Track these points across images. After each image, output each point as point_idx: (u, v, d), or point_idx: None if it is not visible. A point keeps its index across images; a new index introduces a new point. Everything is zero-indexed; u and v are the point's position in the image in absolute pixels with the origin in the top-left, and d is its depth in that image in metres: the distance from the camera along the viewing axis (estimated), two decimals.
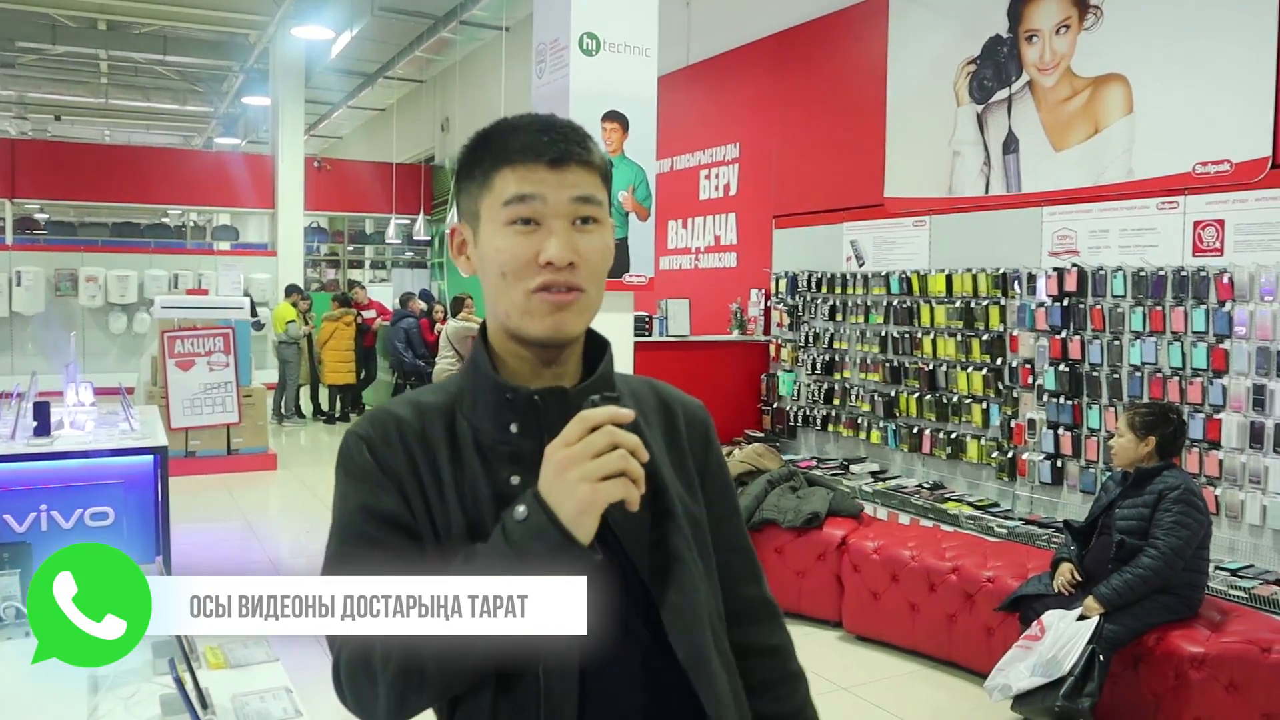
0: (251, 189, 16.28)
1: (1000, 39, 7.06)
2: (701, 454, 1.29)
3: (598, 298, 1.18)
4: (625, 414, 1.05)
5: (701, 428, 1.30)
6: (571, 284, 1.14)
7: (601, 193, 1.18)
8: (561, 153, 1.15)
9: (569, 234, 1.14)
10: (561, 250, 1.12)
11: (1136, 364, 6.02)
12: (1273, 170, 5.48)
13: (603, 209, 1.17)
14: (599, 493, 1.02)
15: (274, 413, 11.70)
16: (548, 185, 1.13)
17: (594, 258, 1.16)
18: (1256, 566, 5.40)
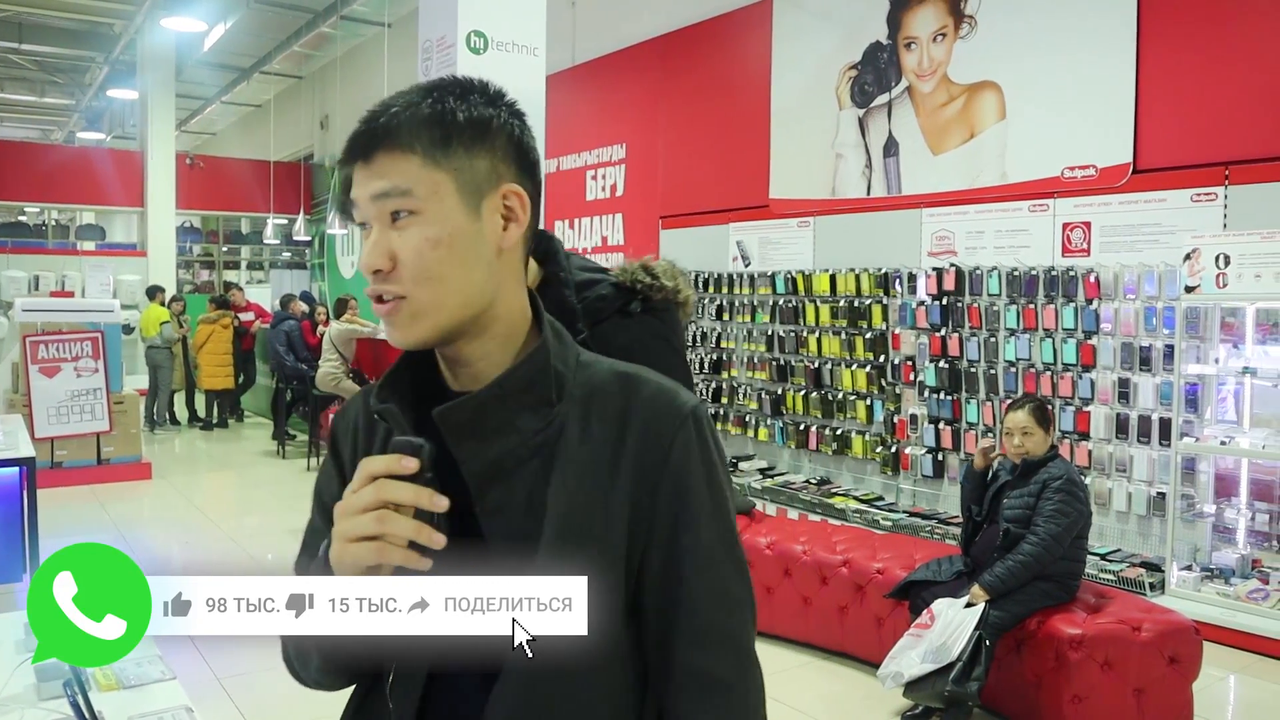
0: (119, 186, 15.56)
1: (880, 45, 7.26)
2: (654, 472, 1.04)
3: (439, 298, 1.01)
4: (404, 465, 0.93)
5: (660, 440, 1.05)
6: (389, 292, 1.01)
7: (422, 176, 1.00)
8: (366, 143, 1.02)
9: (383, 235, 1.01)
10: (365, 257, 1.02)
11: (1011, 360, 6.28)
12: (1134, 176, 5.78)
13: (415, 197, 1.00)
14: (347, 553, 0.94)
15: (146, 420, 11.24)
16: (358, 184, 1.03)
17: (408, 256, 1.00)
18: (1124, 551, 5.70)
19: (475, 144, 1.03)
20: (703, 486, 1.05)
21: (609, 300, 1.46)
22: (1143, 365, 5.65)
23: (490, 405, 1.03)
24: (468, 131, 1.02)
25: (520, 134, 1.07)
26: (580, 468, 1.03)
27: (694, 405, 1.07)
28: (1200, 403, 5.41)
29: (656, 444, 1.04)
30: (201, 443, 11.54)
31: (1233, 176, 5.38)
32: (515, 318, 1.08)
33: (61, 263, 15.00)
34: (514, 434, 1.03)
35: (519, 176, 1.06)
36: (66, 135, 22.63)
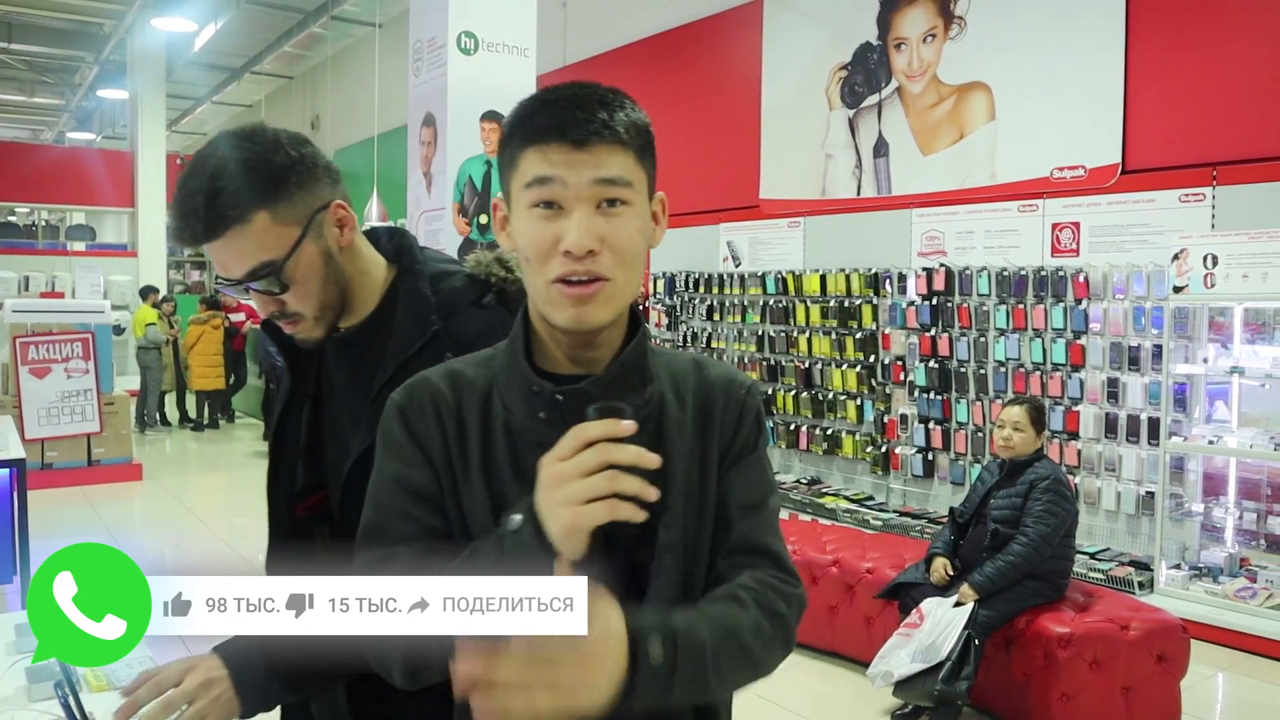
0: (109, 186, 15.51)
1: (870, 46, 7.28)
2: (730, 432, 1.20)
3: (629, 284, 1.12)
4: (624, 427, 1.00)
5: (736, 406, 1.20)
6: (593, 273, 1.08)
7: (634, 172, 1.11)
8: (584, 131, 1.09)
9: (590, 219, 1.08)
10: (580, 237, 1.07)
11: (1001, 360, 6.30)
12: (1123, 176, 5.81)
13: (632, 189, 1.10)
14: (581, 516, 0.99)
15: (137, 421, 11.20)
16: (569, 166, 1.08)
17: (620, 243, 1.09)
18: (1112, 549, 5.72)
19: (649, 152, 1.15)
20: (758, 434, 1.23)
21: (462, 292, 1.49)
22: (1131, 365, 5.68)
23: (614, 383, 1.13)
24: (651, 141, 1.16)
25: None
26: (683, 431, 1.17)
27: (752, 381, 1.26)
28: (1189, 402, 5.43)
29: (736, 411, 1.21)
30: (192, 444, 11.51)
31: (1220, 177, 5.41)
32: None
33: (51, 263, 14.96)
34: (629, 408, 1.07)
35: None
36: (56, 135, 22.56)
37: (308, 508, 1.56)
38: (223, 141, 1.35)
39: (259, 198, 1.32)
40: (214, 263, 1.38)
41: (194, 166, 1.34)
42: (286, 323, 1.43)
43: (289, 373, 1.54)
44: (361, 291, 1.48)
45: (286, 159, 1.36)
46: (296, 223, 1.36)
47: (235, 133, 1.37)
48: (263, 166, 1.33)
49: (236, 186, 1.31)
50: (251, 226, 1.32)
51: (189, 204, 1.31)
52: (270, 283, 1.36)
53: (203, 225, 1.31)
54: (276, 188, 1.33)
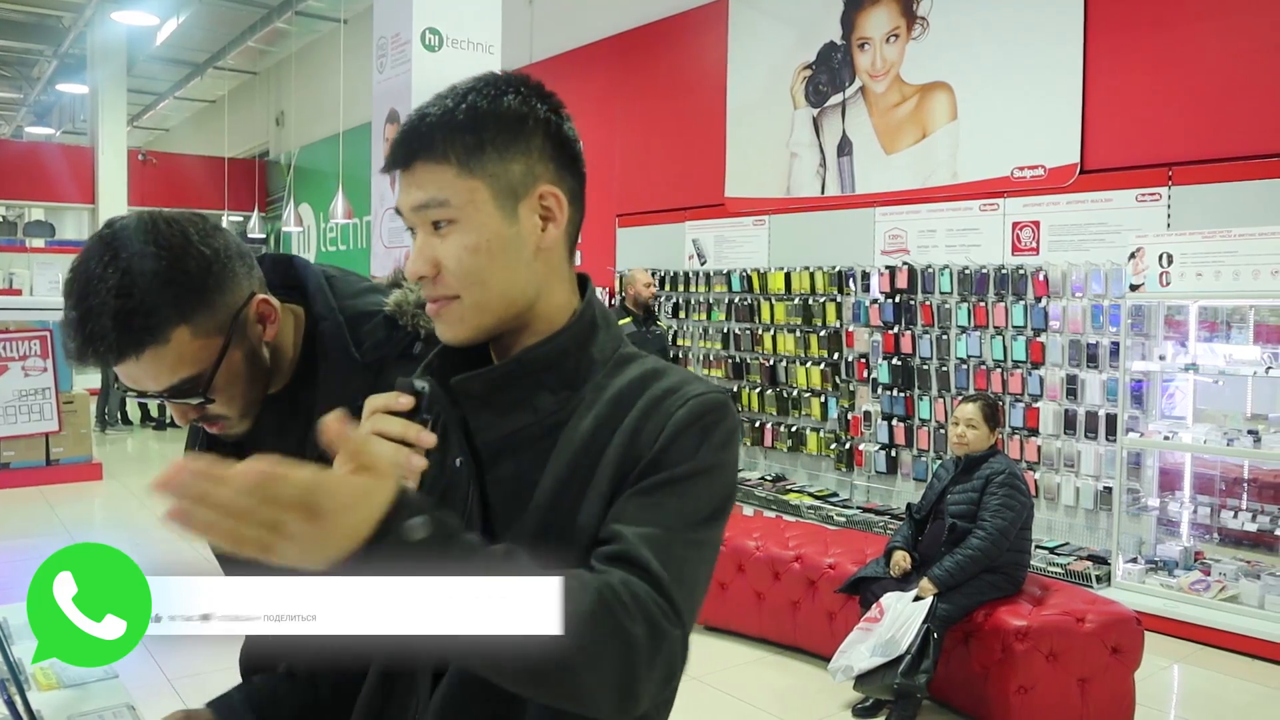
0: (69, 182, 15.30)
1: (834, 46, 7.33)
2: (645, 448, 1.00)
3: (481, 297, 1.03)
4: (401, 402, 0.98)
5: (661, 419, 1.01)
6: (436, 295, 1.05)
7: (455, 188, 1.02)
8: (404, 154, 1.04)
9: (425, 243, 1.04)
10: (411, 264, 1.04)
11: (963, 357, 6.37)
12: (1081, 176, 5.89)
13: (454, 207, 1.02)
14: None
15: (97, 419, 11.06)
16: (402, 193, 1.05)
17: (451, 263, 1.02)
18: (1071, 544, 5.80)
19: (509, 148, 1.03)
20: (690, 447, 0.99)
21: (389, 343, 1.37)
22: (1090, 362, 5.76)
23: (507, 380, 1.05)
24: (500, 136, 1.03)
25: (559, 129, 1.07)
26: (575, 448, 1.02)
27: (705, 392, 1.03)
28: (1145, 399, 5.51)
29: (654, 425, 1.01)
30: (154, 443, 11.38)
31: (1175, 177, 5.50)
32: (555, 312, 1.09)
33: (9, 260, 14.70)
34: (529, 411, 1.05)
35: (557, 175, 1.07)
36: (14, 130, 22.19)
37: None
38: (121, 244, 1.18)
39: (176, 313, 1.18)
40: (124, 377, 1.22)
41: (90, 278, 1.16)
42: (209, 425, 1.31)
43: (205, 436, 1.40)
44: (281, 358, 1.36)
45: (201, 261, 1.21)
46: (219, 332, 1.23)
47: (135, 229, 1.20)
48: (177, 276, 1.18)
49: (150, 305, 1.15)
50: (170, 346, 1.18)
51: (92, 326, 1.15)
52: (191, 396, 1.24)
53: (113, 351, 1.16)
54: (194, 298, 1.20)
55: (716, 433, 1.02)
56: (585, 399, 1.05)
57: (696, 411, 1.01)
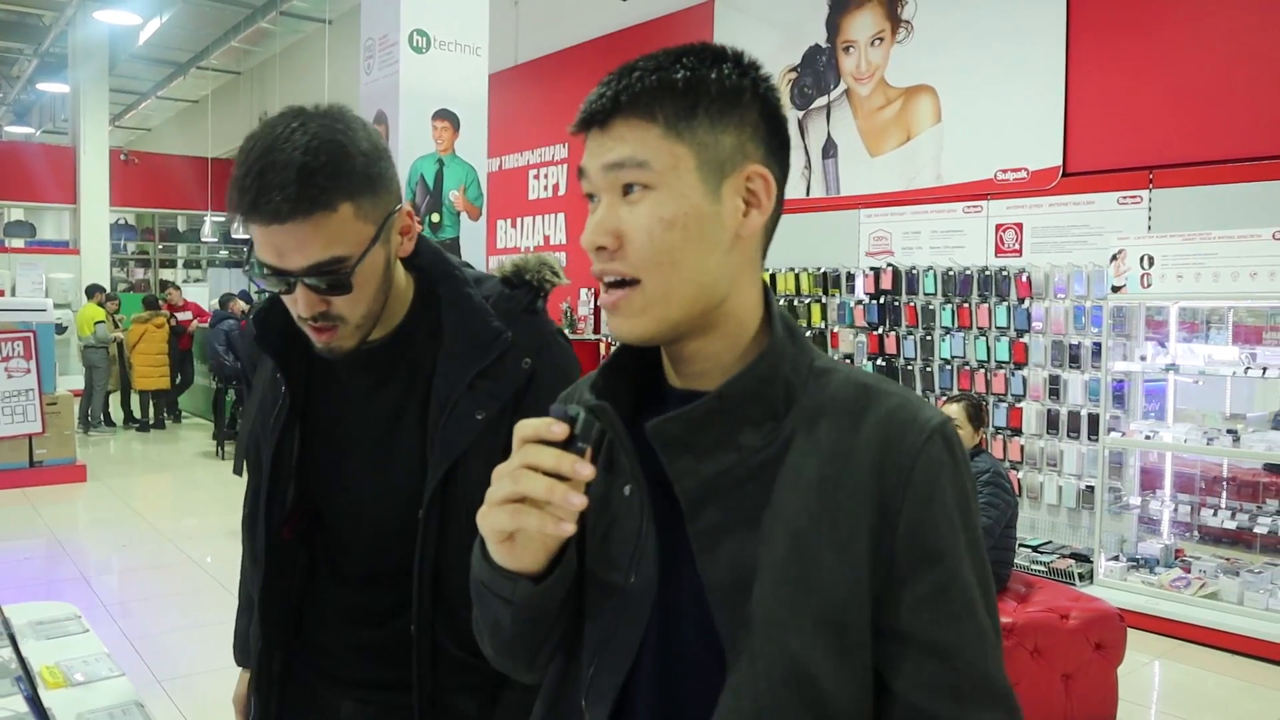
0: (50, 182, 15.23)
1: (819, 49, 7.38)
2: (894, 496, 0.87)
3: (668, 281, 0.90)
4: (554, 431, 0.87)
5: (901, 460, 0.88)
6: (612, 273, 0.93)
7: (659, 149, 0.90)
8: (604, 110, 0.94)
9: (610, 211, 0.93)
10: (589, 233, 0.93)
11: (947, 357, 6.43)
12: (1063, 178, 5.96)
13: (654, 171, 0.90)
14: (485, 518, 0.89)
15: (80, 421, 11.01)
16: (591, 153, 0.96)
17: (638, 236, 0.90)
18: (1054, 542, 5.87)
19: (723, 117, 0.91)
20: (954, 514, 0.88)
21: (512, 298, 1.38)
22: (1072, 362, 5.83)
23: (710, 419, 0.91)
24: (717, 103, 0.91)
25: (776, 108, 0.95)
26: (805, 490, 0.89)
27: (942, 421, 0.90)
28: (1127, 399, 5.59)
29: (896, 464, 0.88)
30: (137, 444, 11.34)
31: (1156, 180, 5.57)
32: (746, 315, 0.96)
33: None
34: (733, 450, 0.91)
35: (767, 157, 0.94)
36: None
37: (291, 530, 1.44)
38: (311, 117, 1.22)
39: (350, 187, 1.21)
40: (265, 248, 1.21)
41: (278, 138, 1.19)
42: (321, 328, 1.27)
43: (288, 387, 1.39)
44: (394, 302, 1.36)
45: (375, 150, 1.25)
46: (374, 221, 1.25)
47: (324, 111, 1.24)
48: (358, 155, 1.22)
49: (332, 170, 1.18)
50: (336, 216, 1.20)
51: (275, 176, 1.16)
52: (332, 280, 1.22)
53: (290, 204, 1.16)
54: (365, 181, 1.23)
55: (967, 479, 0.91)
56: (793, 428, 0.91)
57: (945, 451, 0.89)
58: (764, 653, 0.86)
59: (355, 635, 1.43)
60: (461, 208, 6.06)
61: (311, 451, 1.41)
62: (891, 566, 0.87)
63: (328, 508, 1.44)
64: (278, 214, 1.16)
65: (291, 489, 1.41)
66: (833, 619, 0.86)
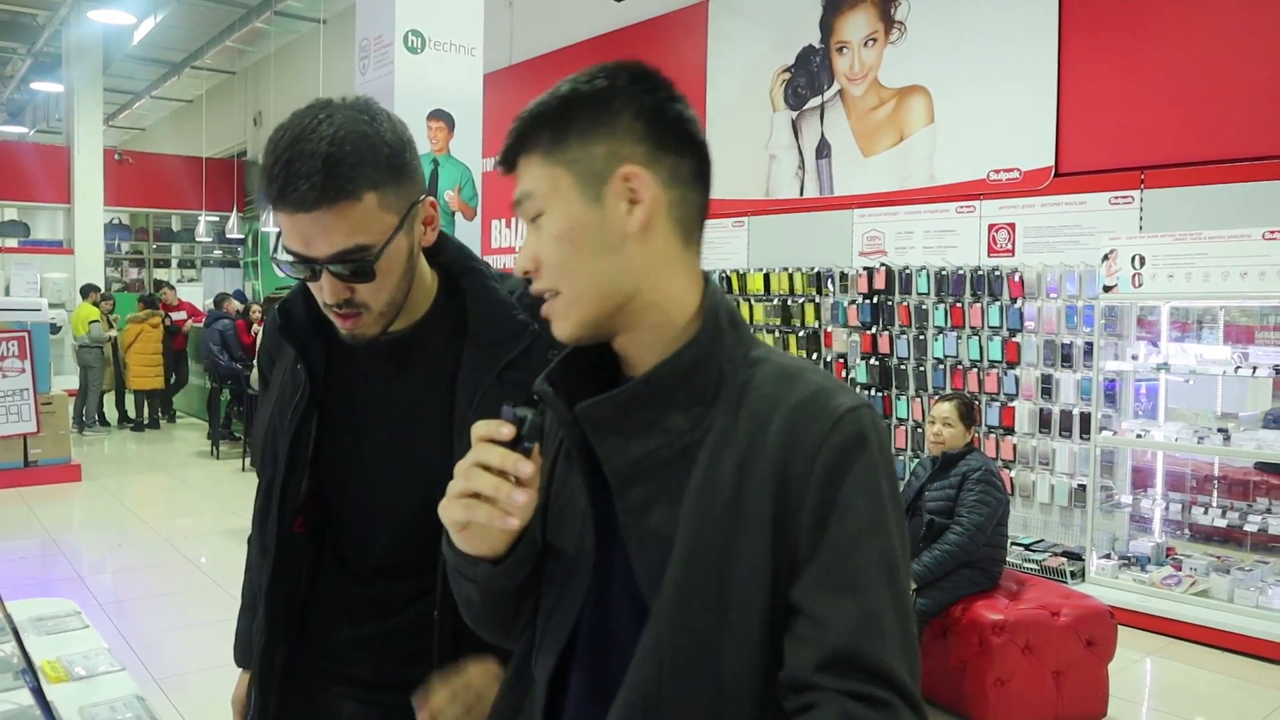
0: (44, 181, 15.18)
1: (813, 49, 7.41)
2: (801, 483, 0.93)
3: (573, 288, 1.00)
4: (502, 432, 0.96)
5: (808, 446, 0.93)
6: (538, 291, 1.03)
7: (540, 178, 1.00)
8: (506, 155, 1.05)
9: (529, 239, 1.04)
10: (517, 262, 1.05)
11: (940, 357, 6.46)
12: (1056, 179, 5.99)
13: (540, 198, 1.00)
14: (444, 511, 0.98)
15: (75, 421, 11.00)
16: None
17: (544, 255, 1.01)
18: (1046, 541, 5.90)
19: (592, 129, 0.99)
20: (857, 499, 0.92)
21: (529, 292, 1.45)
22: (1064, 362, 5.86)
23: (635, 402, 0.98)
24: (579, 122, 0.99)
25: (654, 107, 1.01)
26: (721, 475, 0.95)
27: (853, 406, 0.94)
28: (1118, 398, 5.62)
29: (801, 454, 0.93)
30: (132, 444, 11.33)
31: (1148, 181, 5.61)
32: (672, 306, 1.01)
33: None
34: (660, 433, 0.98)
35: (649, 155, 0.99)
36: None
37: (303, 522, 1.45)
38: (338, 109, 1.27)
39: (375, 177, 1.25)
40: (292, 235, 1.26)
41: (306, 128, 1.23)
42: (345, 314, 1.32)
43: (309, 377, 1.41)
44: (417, 293, 1.40)
45: (400, 142, 1.30)
46: (397, 211, 1.29)
47: (351, 103, 1.29)
48: (381, 145, 1.26)
49: (357, 160, 1.23)
50: (360, 205, 1.24)
51: (301, 165, 1.20)
52: (356, 268, 1.27)
53: (315, 192, 1.20)
54: (390, 171, 1.27)
55: (876, 465, 0.94)
56: (720, 414, 0.97)
57: (853, 437, 0.93)
58: (671, 624, 0.93)
59: (362, 631, 1.44)
60: (456, 208, 6.08)
61: (329, 441, 1.43)
62: (796, 550, 0.92)
63: (342, 498, 1.45)
64: (304, 202, 1.21)
65: (306, 480, 1.42)
66: (736, 596, 0.92)
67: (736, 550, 0.93)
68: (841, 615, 0.89)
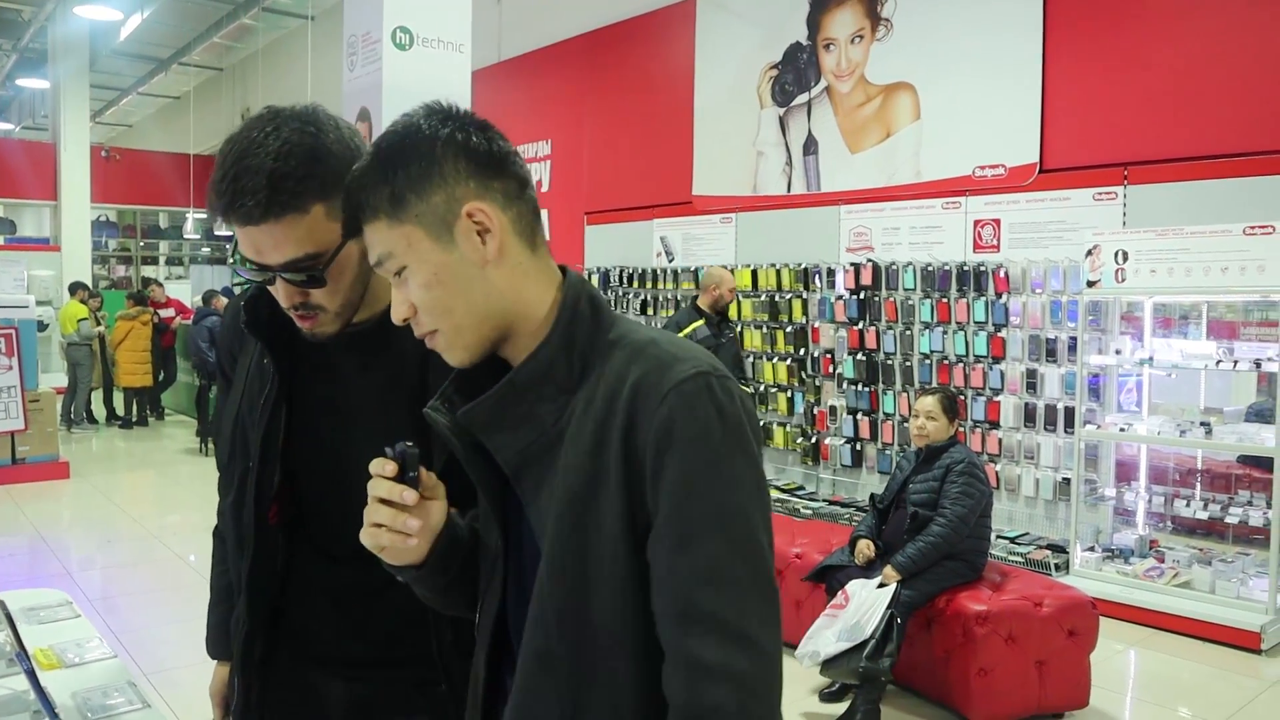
0: (30, 178, 15.13)
1: (800, 46, 7.44)
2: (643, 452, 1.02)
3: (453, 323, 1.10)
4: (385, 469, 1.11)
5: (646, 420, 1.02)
6: (421, 332, 1.13)
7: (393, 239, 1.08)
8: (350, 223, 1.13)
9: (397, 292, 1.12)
10: (393, 313, 1.13)
11: (926, 352, 6.50)
12: (1040, 175, 6.04)
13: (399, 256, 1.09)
14: (363, 538, 1.13)
15: (63, 418, 10.97)
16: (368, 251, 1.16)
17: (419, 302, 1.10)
18: (1031, 534, 5.95)
19: (425, 183, 1.06)
20: (688, 460, 1.00)
21: None
22: (1049, 356, 5.91)
23: (506, 401, 1.10)
24: (414, 180, 1.06)
25: (470, 142, 1.09)
26: (582, 452, 1.05)
27: (685, 376, 1.02)
28: (1102, 392, 5.67)
29: (640, 425, 1.02)
30: (120, 441, 11.31)
31: (1131, 177, 5.65)
32: (537, 312, 1.11)
33: None
34: (535, 423, 1.09)
35: (480, 188, 1.08)
36: None
37: (276, 513, 1.48)
38: (284, 121, 1.28)
39: (321, 189, 1.27)
40: (245, 244, 1.29)
41: (251, 142, 1.26)
42: (302, 315, 1.36)
43: (276, 371, 1.45)
44: (378, 286, 1.41)
45: (347, 151, 1.31)
46: None
47: (297, 114, 1.30)
48: (327, 157, 1.28)
49: (302, 173, 1.25)
50: (308, 217, 1.27)
51: (247, 181, 1.23)
52: (308, 275, 1.30)
53: (260, 208, 1.24)
54: (338, 181, 1.24)
55: (711, 425, 1.01)
56: (583, 398, 1.08)
57: (681, 407, 1.01)
58: (551, 585, 1.06)
59: (346, 614, 1.46)
60: None
61: (300, 432, 1.46)
62: (651, 512, 1.02)
63: (317, 487, 1.47)
64: (250, 217, 1.25)
65: (278, 472, 1.45)
66: (603, 555, 1.03)
67: (598, 513, 1.04)
68: (676, 571, 0.99)
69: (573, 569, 1.04)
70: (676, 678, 0.99)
